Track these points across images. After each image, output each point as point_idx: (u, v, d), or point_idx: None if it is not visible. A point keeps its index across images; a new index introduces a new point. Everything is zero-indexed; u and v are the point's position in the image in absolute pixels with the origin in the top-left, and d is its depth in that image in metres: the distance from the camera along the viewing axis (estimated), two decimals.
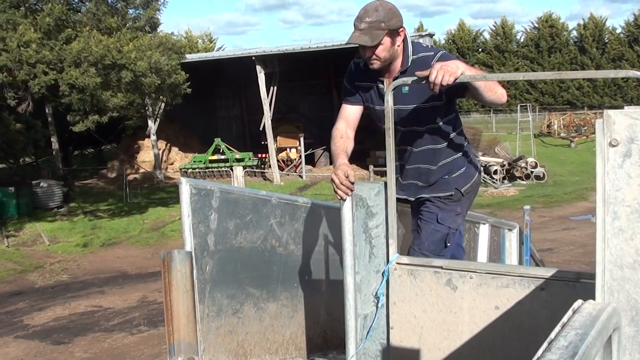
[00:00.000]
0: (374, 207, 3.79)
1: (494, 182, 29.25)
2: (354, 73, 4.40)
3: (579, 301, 2.01)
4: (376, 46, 4.03)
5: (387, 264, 3.79)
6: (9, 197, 23.58)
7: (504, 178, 29.97)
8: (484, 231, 6.49)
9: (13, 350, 10.71)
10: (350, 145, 4.29)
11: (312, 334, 4.79)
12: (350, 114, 4.42)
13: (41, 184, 25.96)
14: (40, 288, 15.15)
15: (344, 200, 3.80)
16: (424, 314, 3.74)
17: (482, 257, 6.40)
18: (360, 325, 3.94)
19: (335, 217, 4.76)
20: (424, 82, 3.71)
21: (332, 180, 3.84)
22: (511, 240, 7.64)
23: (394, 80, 4.08)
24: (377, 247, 3.82)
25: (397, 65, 4.22)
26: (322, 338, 4.92)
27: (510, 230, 7.64)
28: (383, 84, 4.25)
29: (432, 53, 4.19)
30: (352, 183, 3.80)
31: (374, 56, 4.08)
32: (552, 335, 1.77)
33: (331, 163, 4.81)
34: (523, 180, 30.29)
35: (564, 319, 1.88)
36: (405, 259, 3.81)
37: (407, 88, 4.16)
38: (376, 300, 3.86)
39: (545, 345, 1.72)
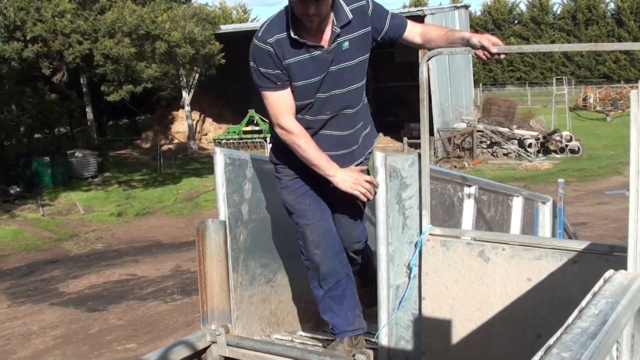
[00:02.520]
0: (408, 178, 3.79)
1: (528, 156, 29.04)
2: (273, 52, 3.79)
3: (610, 271, 2.02)
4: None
5: (420, 235, 3.80)
6: (44, 166, 23.79)
7: (538, 151, 29.74)
8: (517, 204, 6.45)
9: (48, 317, 10.86)
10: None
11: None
12: (288, 102, 3.92)
13: (76, 154, 26.17)
14: (75, 256, 15.32)
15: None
16: (456, 285, 3.74)
17: (515, 229, 6.37)
18: (392, 295, 3.96)
19: None
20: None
21: (358, 191, 3.95)
22: (545, 213, 7.59)
23: (335, 38, 3.83)
24: (410, 218, 3.83)
25: (328, 23, 3.83)
26: None
27: (543, 203, 7.59)
28: (321, 49, 3.82)
29: (364, 2, 3.93)
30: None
31: (316, 12, 3.67)
32: (583, 303, 1.78)
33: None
34: (557, 153, 30.04)
35: (595, 288, 1.89)
36: (438, 230, 3.82)
37: (347, 43, 3.87)
38: (408, 271, 3.88)
39: (576, 312, 1.74)
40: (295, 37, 3.77)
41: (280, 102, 3.89)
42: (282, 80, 3.84)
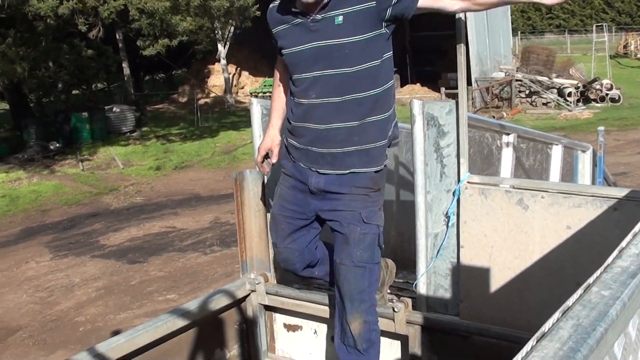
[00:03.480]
0: (446, 126, 3.77)
1: (567, 105, 28.73)
2: (269, 17, 3.72)
3: None
4: None
5: (458, 183, 3.78)
6: (82, 122, 23.97)
7: (578, 100, 29.39)
8: (556, 152, 6.39)
9: (90, 269, 11.02)
10: (285, 94, 3.82)
11: (382, 255, 4.81)
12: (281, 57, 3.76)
13: (114, 109, 26.34)
14: (115, 210, 15.49)
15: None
16: (495, 233, 3.73)
17: (554, 178, 6.32)
18: (430, 244, 3.96)
19: (405, 137, 4.75)
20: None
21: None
22: (584, 162, 7.52)
23: (324, 7, 3.46)
24: (448, 167, 3.81)
25: None
26: (393, 258, 4.95)
27: (583, 151, 7.52)
28: (307, 17, 3.49)
29: None
30: (273, 164, 3.88)
31: None
32: (623, 243, 1.77)
33: None
34: (598, 102, 29.67)
35: (636, 229, 1.87)
36: (476, 178, 3.80)
37: (341, 18, 3.42)
38: (447, 220, 3.87)
39: (616, 252, 1.73)
40: (276, 4, 3.67)
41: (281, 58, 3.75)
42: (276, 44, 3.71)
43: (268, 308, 4.46)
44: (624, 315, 1.51)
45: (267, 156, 3.87)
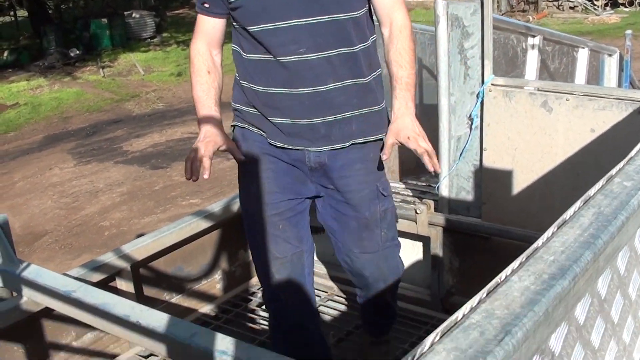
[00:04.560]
0: (470, 27, 3.72)
1: (595, 9, 28.21)
2: None
3: None
4: None
5: (482, 85, 3.76)
6: (102, 28, 23.81)
7: (605, 5, 28.81)
8: (582, 55, 6.33)
9: (113, 174, 11.10)
10: (219, 82, 3.07)
11: (404, 158, 4.83)
12: (210, 30, 3.05)
13: (133, 15, 26.11)
14: (137, 116, 15.51)
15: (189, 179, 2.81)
16: (518, 136, 3.73)
17: (579, 82, 6.27)
18: (453, 147, 3.97)
19: (429, 40, 4.71)
20: None
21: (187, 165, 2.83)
22: (610, 65, 7.44)
23: None
24: (472, 68, 3.78)
25: None
26: (415, 161, 4.96)
27: (610, 55, 7.43)
28: None
29: None
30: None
31: None
32: None
33: None
34: (626, 7, 29.05)
35: None
36: (500, 80, 3.77)
37: None
38: (470, 122, 3.86)
39: (638, 147, 1.73)
40: None
41: (200, 25, 3.04)
42: (213, 4, 2.93)
43: None
44: None
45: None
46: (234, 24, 2.92)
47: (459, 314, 1.40)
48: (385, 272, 3.23)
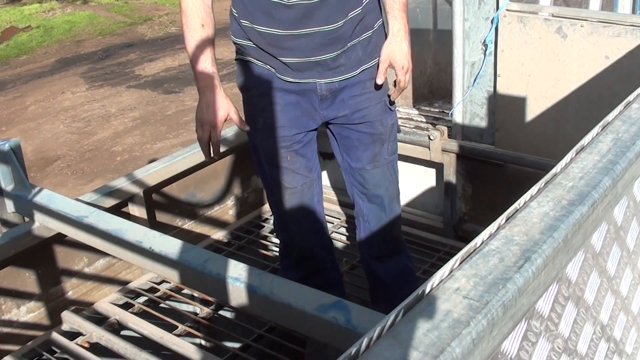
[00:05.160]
0: None
1: None
2: None
3: None
4: None
5: (497, 10, 3.72)
6: None
7: None
8: None
9: (126, 99, 11.07)
10: (213, 34, 2.89)
11: (418, 84, 4.80)
12: None
13: None
14: (149, 40, 15.40)
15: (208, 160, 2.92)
16: (532, 62, 3.70)
17: (594, 6, 6.19)
18: (467, 72, 3.94)
19: None
20: None
21: (197, 123, 2.85)
22: None
23: None
24: None
25: None
26: (429, 88, 4.94)
27: None
28: None
29: None
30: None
31: None
32: None
33: None
34: None
35: None
36: (515, 6, 3.73)
37: None
38: (484, 48, 3.83)
39: None
40: None
41: None
42: None
43: None
44: None
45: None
46: None
47: (478, 240, 1.41)
48: (395, 186, 3.23)
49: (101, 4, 19.09)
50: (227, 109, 2.82)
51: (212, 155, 2.87)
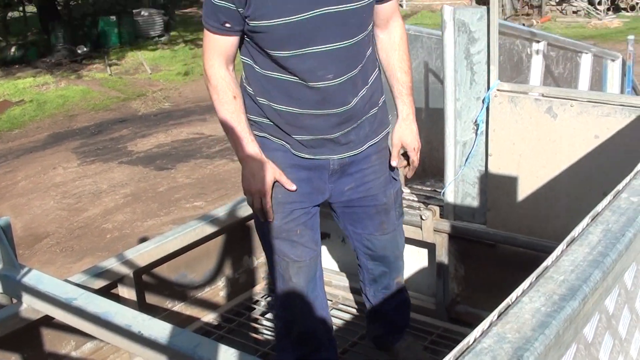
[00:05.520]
0: (476, 33, 3.71)
1: (597, 14, 28.19)
2: None
3: None
4: None
5: (488, 90, 3.75)
6: (110, 26, 23.82)
7: (608, 9, 28.81)
8: (585, 60, 6.33)
9: (117, 175, 11.08)
10: (242, 103, 2.93)
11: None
12: (227, 48, 2.88)
13: (142, 13, 26.10)
14: (143, 115, 15.49)
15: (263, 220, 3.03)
16: (523, 142, 3.72)
17: (583, 87, 6.28)
18: (459, 152, 3.95)
19: (435, 44, 4.70)
20: None
21: (247, 193, 3.00)
22: (613, 70, 7.45)
23: None
24: (478, 74, 3.77)
25: None
26: (421, 166, 4.93)
27: (612, 60, 7.44)
28: None
29: None
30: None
31: None
32: None
33: None
34: (628, 11, 29.02)
35: None
36: (506, 86, 3.76)
37: None
38: (476, 127, 3.85)
39: (638, 168, 1.72)
40: None
41: (217, 45, 2.87)
42: (235, 22, 2.77)
43: None
44: None
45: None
46: (247, 39, 2.88)
47: (470, 338, 1.39)
48: (400, 247, 3.41)
49: (95, 78, 19.24)
50: (272, 173, 2.92)
51: (268, 219, 2.97)
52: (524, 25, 24.32)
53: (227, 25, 2.78)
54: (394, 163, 3.14)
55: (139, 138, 13.39)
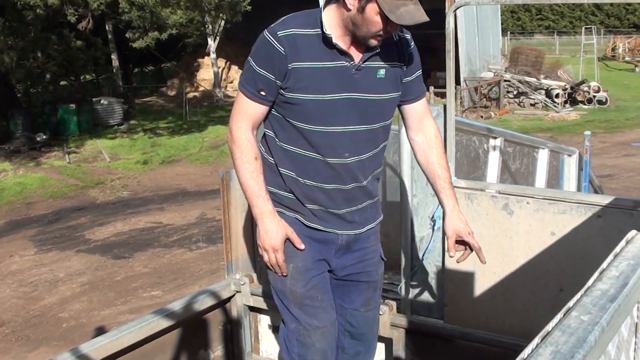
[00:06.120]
0: None
1: (555, 106, 28.81)
2: (280, 49, 2.94)
3: (633, 232, 2.01)
4: None
5: None
6: (70, 114, 23.81)
7: (565, 102, 29.49)
8: (542, 156, 6.43)
9: (75, 264, 10.97)
10: (261, 167, 3.11)
11: None
12: (257, 114, 3.08)
13: (102, 101, 26.19)
14: (101, 204, 15.43)
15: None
16: (480, 238, 3.72)
17: (540, 182, 6.36)
18: (415, 247, 3.98)
19: (393, 139, 4.75)
20: None
21: (262, 249, 3.16)
22: (570, 165, 7.57)
23: (370, 56, 3.02)
24: None
25: None
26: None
27: (569, 155, 7.57)
28: (349, 62, 2.98)
29: (409, 36, 3.20)
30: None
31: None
32: (604, 264, 1.78)
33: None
34: (585, 104, 29.75)
35: (617, 249, 1.88)
36: (462, 183, 3.81)
37: (383, 71, 3.07)
38: (432, 223, 3.88)
39: (596, 274, 1.73)
40: (330, 35, 2.94)
41: (249, 110, 3.07)
42: (270, 91, 3.00)
43: (253, 309, 4.45)
44: (603, 340, 1.51)
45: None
46: (273, 111, 3.10)
47: None
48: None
49: (54, 166, 19.17)
50: (284, 231, 3.10)
51: (282, 274, 3.15)
52: (481, 117, 24.79)
53: (262, 93, 3.01)
54: (451, 254, 3.26)
55: (96, 226, 13.31)
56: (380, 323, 3.95)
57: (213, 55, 32.96)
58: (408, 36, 3.17)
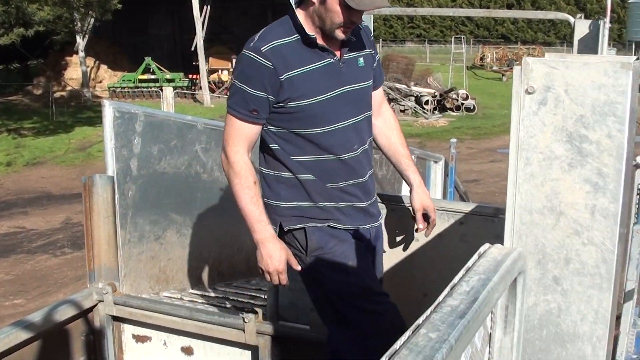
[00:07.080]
0: None
1: (424, 113, 29.44)
2: (269, 65, 2.96)
3: (486, 245, 2.04)
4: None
5: None
6: None
7: (434, 109, 30.19)
8: None
9: None
10: (259, 191, 3.15)
11: (235, 261, 4.80)
12: (250, 135, 3.10)
13: None
14: None
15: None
16: None
17: (406, 189, 6.45)
18: None
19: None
20: None
21: (266, 273, 3.21)
22: (436, 172, 7.74)
23: (350, 49, 3.15)
24: None
25: None
26: (246, 265, 4.94)
27: (435, 162, 7.73)
28: (334, 57, 3.09)
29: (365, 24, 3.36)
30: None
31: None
32: (456, 279, 1.80)
33: None
34: (453, 111, 30.52)
35: (469, 264, 1.91)
36: None
37: (362, 59, 3.21)
38: None
39: (447, 289, 1.74)
40: (313, 36, 3.01)
41: (244, 132, 3.07)
42: (263, 110, 3.01)
43: (116, 319, 4.33)
44: (452, 357, 1.51)
45: None
46: (273, 127, 3.12)
47: None
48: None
49: None
50: (286, 254, 3.15)
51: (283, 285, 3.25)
52: None
53: (255, 113, 3.03)
54: (421, 226, 3.42)
55: None
56: (246, 331, 3.93)
57: (81, 54, 32.31)
58: (367, 24, 3.32)
